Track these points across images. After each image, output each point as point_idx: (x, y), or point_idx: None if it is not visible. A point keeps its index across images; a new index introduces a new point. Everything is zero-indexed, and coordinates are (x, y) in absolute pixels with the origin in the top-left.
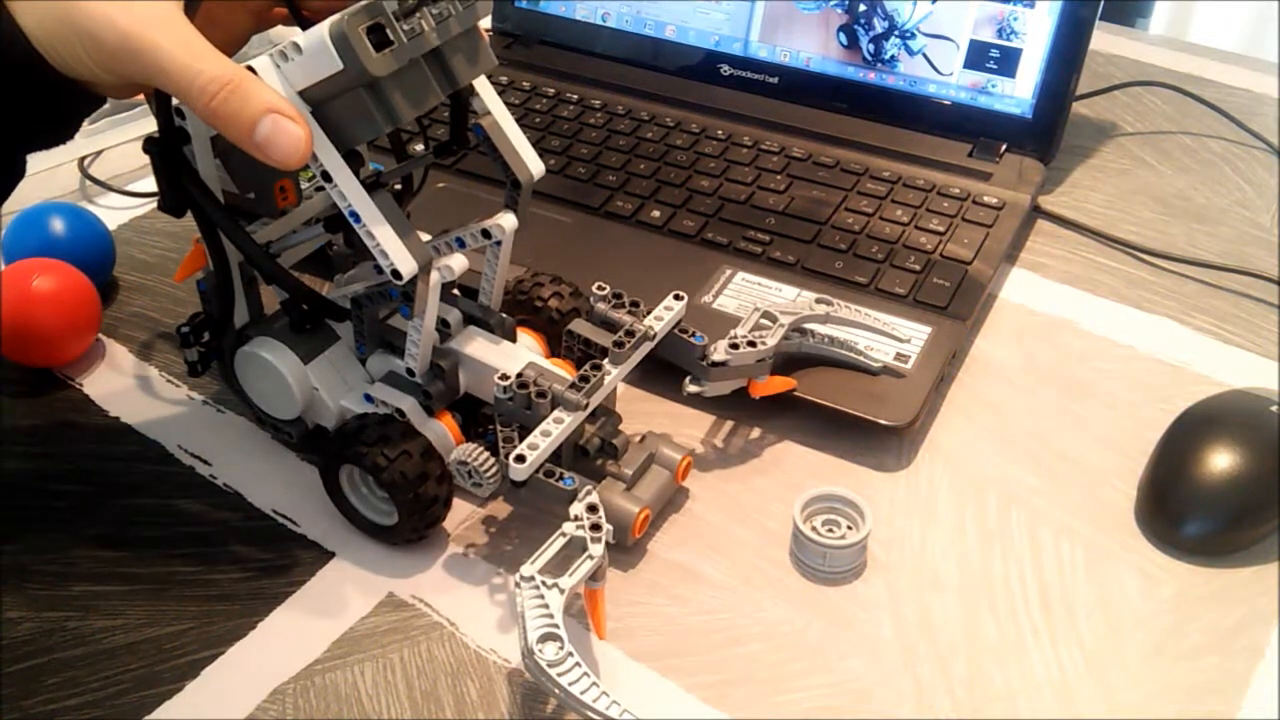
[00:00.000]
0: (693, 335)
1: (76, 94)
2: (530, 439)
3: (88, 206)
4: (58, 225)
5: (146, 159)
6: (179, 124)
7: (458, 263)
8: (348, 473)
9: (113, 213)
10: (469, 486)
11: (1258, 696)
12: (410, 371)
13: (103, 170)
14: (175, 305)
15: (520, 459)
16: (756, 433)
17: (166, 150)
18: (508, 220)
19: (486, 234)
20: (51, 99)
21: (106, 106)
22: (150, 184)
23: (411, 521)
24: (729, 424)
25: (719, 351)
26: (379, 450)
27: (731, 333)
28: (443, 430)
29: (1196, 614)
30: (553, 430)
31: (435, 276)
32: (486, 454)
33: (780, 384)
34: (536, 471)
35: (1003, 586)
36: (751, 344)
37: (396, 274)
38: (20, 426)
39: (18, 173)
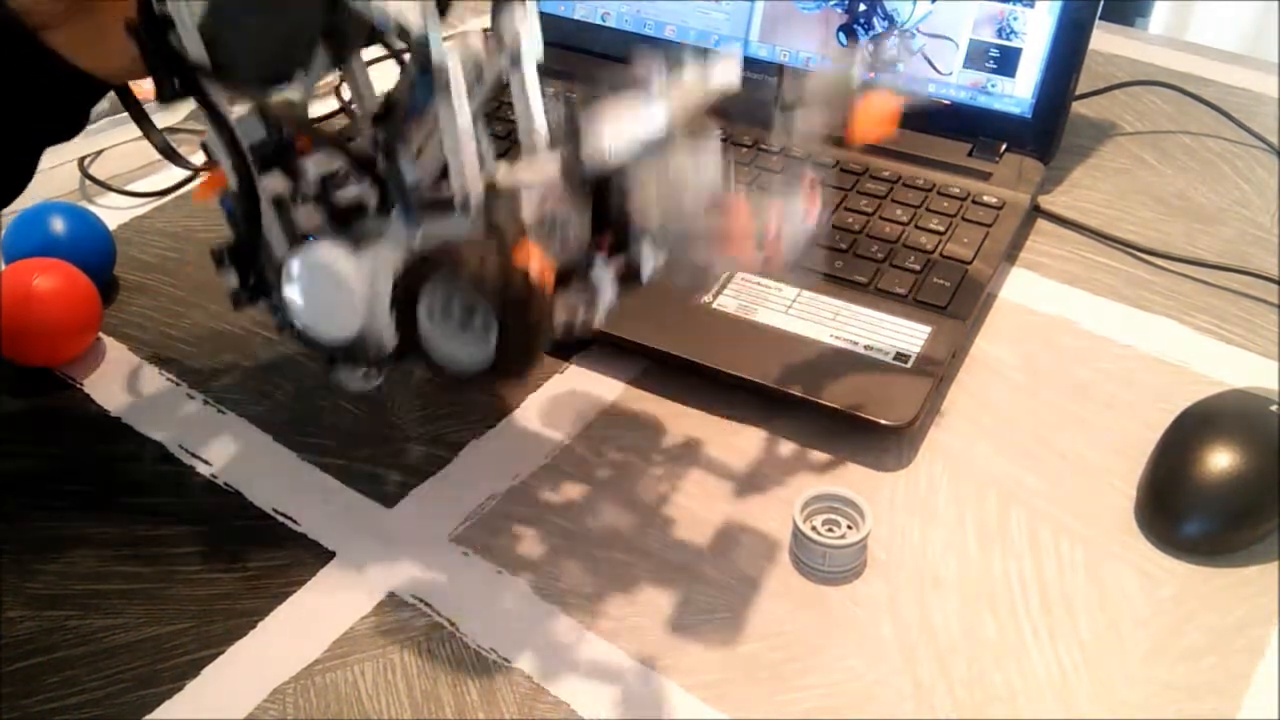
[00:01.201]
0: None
1: (78, 79)
2: None
3: (88, 206)
4: (58, 225)
5: (146, 160)
6: (159, 11)
7: None
8: (431, 299)
9: (113, 213)
10: None
11: (1258, 696)
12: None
13: (103, 170)
14: (175, 305)
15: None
16: (756, 432)
17: (150, 26)
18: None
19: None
20: (53, 83)
21: (105, 106)
22: (150, 184)
23: (518, 341)
24: (729, 424)
25: None
26: (481, 256)
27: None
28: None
29: (1196, 614)
30: None
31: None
32: None
33: (884, 113)
34: None
35: (1003, 586)
36: None
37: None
38: (20, 426)
39: (29, 171)
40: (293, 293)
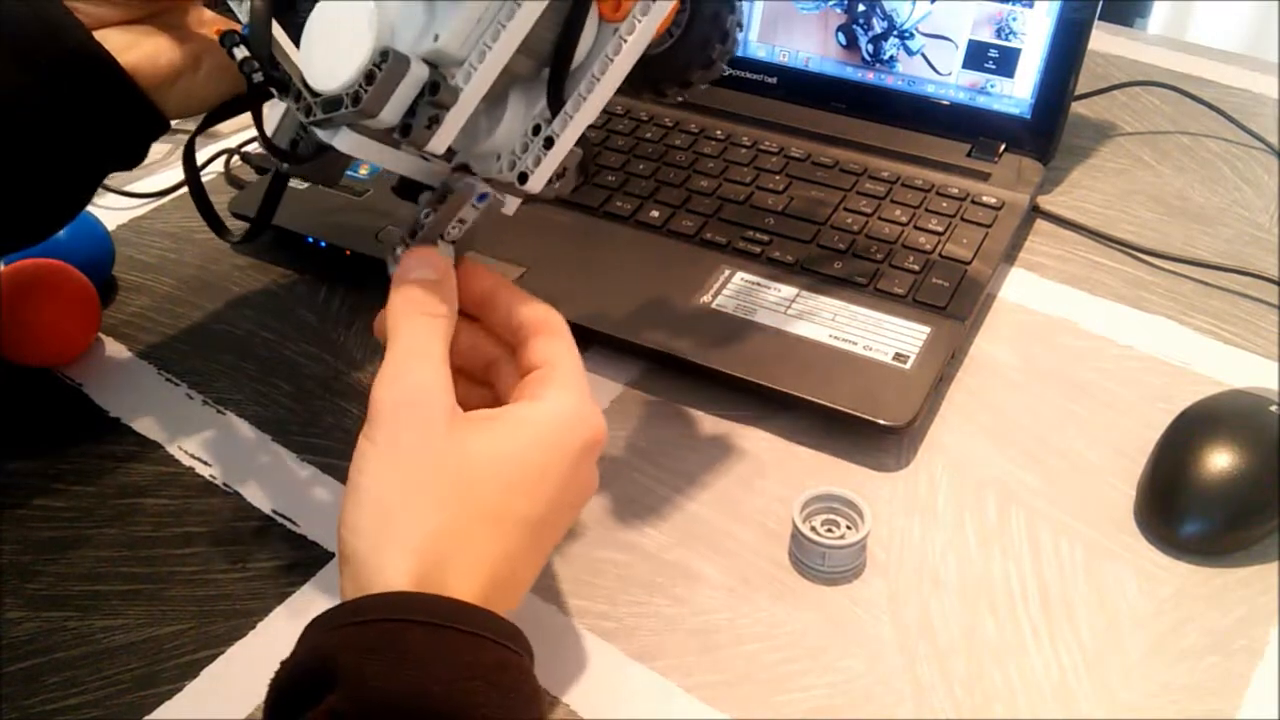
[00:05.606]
0: None
1: (147, 112)
2: None
3: (87, 207)
4: None
5: (145, 160)
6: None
7: None
8: None
9: (112, 213)
10: None
11: (1257, 696)
12: None
13: None
14: (175, 305)
15: None
16: (756, 432)
17: None
18: None
19: None
20: (125, 113)
21: None
22: (149, 185)
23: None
24: (729, 424)
25: None
26: None
27: None
28: None
29: (1196, 614)
30: None
31: None
32: None
33: None
34: None
35: (1003, 586)
36: None
37: None
38: (20, 426)
39: (87, 197)
40: (309, 41)
